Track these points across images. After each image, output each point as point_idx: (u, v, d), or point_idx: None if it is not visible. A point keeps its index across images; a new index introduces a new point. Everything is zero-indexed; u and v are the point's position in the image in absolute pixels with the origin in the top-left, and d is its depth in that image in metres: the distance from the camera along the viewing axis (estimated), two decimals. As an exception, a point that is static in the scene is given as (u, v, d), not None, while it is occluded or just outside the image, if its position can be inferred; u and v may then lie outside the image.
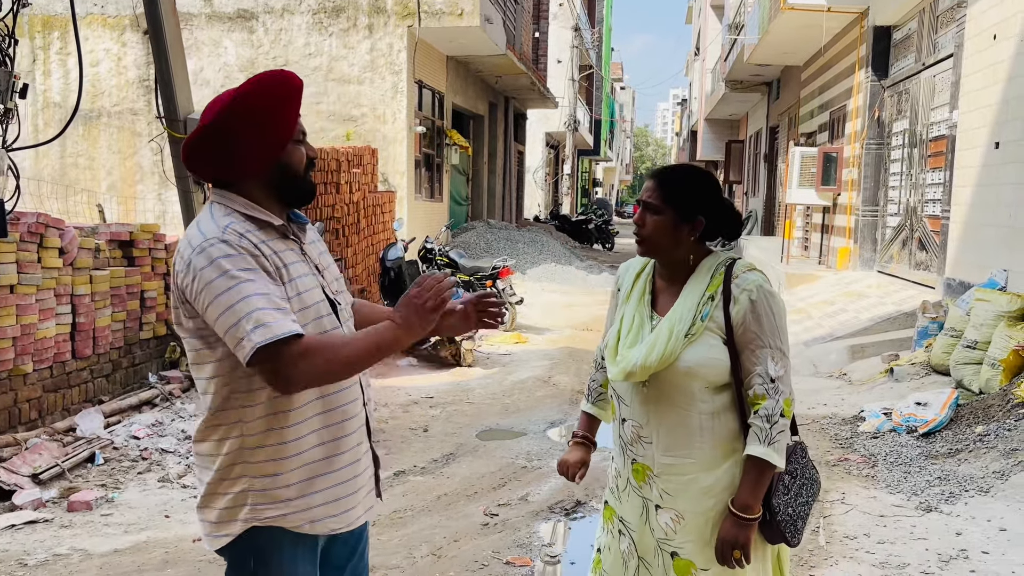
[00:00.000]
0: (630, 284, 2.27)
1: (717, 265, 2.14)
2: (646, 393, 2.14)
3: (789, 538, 2.14)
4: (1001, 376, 5.83)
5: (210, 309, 1.76)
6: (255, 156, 1.87)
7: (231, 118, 1.84)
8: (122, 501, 4.64)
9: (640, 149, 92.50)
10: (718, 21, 28.83)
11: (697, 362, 2.06)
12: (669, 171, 2.21)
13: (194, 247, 1.81)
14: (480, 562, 3.90)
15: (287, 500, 1.87)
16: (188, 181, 6.41)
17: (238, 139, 1.85)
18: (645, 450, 2.16)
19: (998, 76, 7.32)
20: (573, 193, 37.85)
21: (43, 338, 5.47)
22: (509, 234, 17.22)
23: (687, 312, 2.10)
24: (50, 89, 13.48)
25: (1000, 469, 4.75)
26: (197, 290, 1.78)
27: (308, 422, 1.88)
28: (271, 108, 1.86)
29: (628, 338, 2.16)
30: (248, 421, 1.85)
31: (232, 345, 1.76)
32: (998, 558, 3.82)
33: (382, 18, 12.90)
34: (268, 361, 1.74)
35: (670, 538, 2.14)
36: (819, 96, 14.67)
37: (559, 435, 6.19)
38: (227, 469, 1.88)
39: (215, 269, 1.76)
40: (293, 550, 1.91)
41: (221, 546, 1.91)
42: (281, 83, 1.87)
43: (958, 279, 7.93)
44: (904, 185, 10.72)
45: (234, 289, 1.75)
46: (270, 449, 1.86)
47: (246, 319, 1.73)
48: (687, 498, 2.12)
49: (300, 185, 1.94)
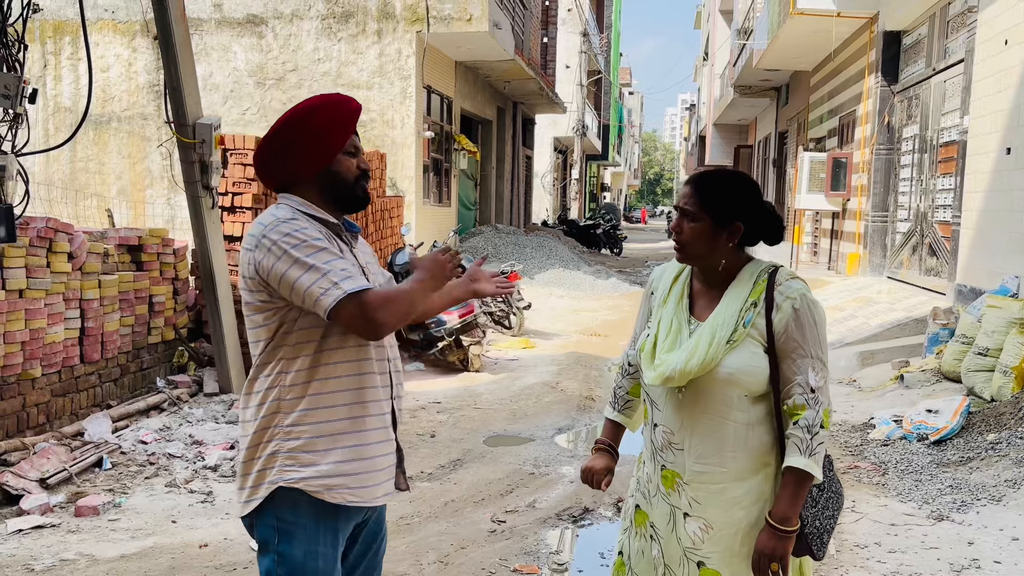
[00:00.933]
0: (667, 288, 2.23)
1: (760, 272, 2.12)
2: (681, 399, 2.10)
3: (815, 551, 2.11)
4: (1013, 383, 5.78)
5: (290, 271, 1.96)
6: (307, 162, 2.10)
7: (287, 128, 2.09)
8: (129, 506, 4.63)
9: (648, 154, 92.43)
10: (727, 26, 28.79)
11: (738, 369, 2.03)
12: (706, 176, 2.18)
13: (266, 224, 2.03)
14: (487, 569, 3.88)
15: (310, 464, 2.02)
16: (197, 186, 6.42)
17: (292, 146, 2.10)
18: (675, 457, 2.13)
19: (1009, 81, 7.28)
20: (581, 198, 37.84)
21: (52, 343, 5.48)
22: (517, 239, 17.20)
23: (730, 318, 2.07)
24: (61, 94, 13.55)
25: (1012, 478, 4.71)
26: (274, 257, 1.98)
27: (341, 394, 2.06)
28: (324, 122, 2.10)
29: (666, 342, 2.12)
30: (286, 386, 2.04)
31: (313, 299, 1.95)
32: (1010, 567, 3.78)
33: (391, 23, 12.93)
34: (355, 308, 1.94)
35: (698, 547, 2.11)
36: (828, 101, 14.62)
37: (567, 441, 6.16)
38: (261, 433, 2.06)
39: (293, 238, 1.98)
40: (315, 523, 2.04)
41: (251, 510, 2.06)
42: (336, 104, 2.13)
43: (969, 285, 7.88)
44: (914, 191, 10.67)
45: (314, 254, 1.97)
46: (302, 414, 2.04)
47: (331, 274, 1.95)
48: (717, 508, 2.09)
49: (350, 192, 2.16)
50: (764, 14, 15.53)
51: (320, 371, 2.05)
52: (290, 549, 2.03)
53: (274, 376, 2.06)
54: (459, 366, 8.31)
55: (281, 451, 2.04)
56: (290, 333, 2.05)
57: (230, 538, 4.25)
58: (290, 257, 1.96)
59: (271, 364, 2.07)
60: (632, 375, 2.38)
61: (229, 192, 7.10)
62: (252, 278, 2.04)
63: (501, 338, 10.09)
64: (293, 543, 2.03)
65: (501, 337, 10.15)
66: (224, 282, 6.67)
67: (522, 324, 10.51)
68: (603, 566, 4.03)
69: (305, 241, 1.98)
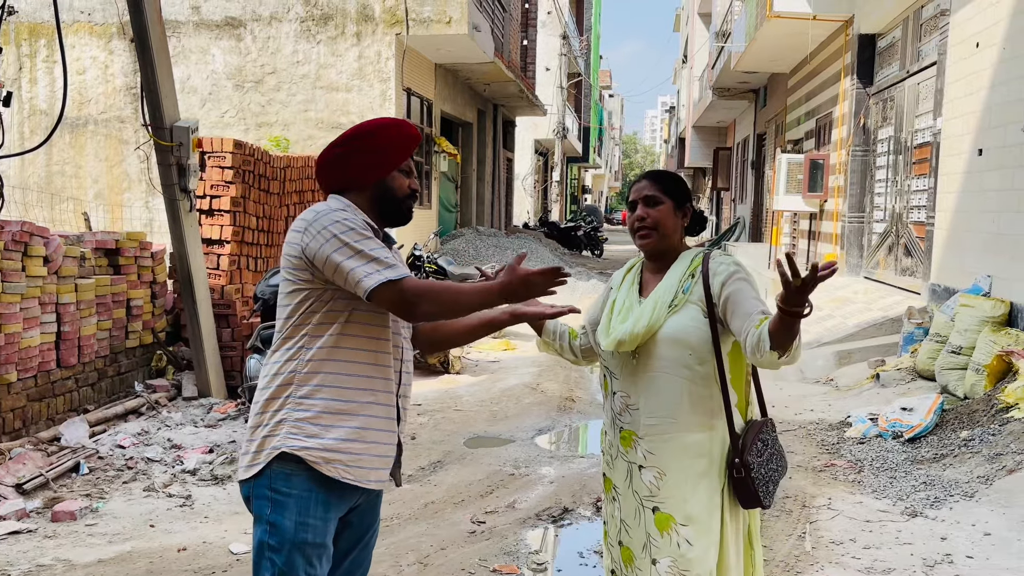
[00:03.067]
0: (621, 278, 2.55)
1: (695, 254, 2.42)
2: (635, 364, 2.36)
3: (762, 497, 2.32)
4: (985, 381, 5.87)
5: (336, 253, 2.11)
6: (366, 171, 2.28)
7: (356, 138, 2.28)
8: (107, 511, 4.61)
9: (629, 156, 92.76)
10: (706, 29, 28.97)
11: (679, 329, 2.30)
12: (657, 171, 2.52)
13: (319, 211, 2.18)
14: (467, 570, 3.89)
15: (314, 436, 2.15)
16: (174, 189, 6.39)
17: (357, 155, 2.27)
18: (632, 417, 2.38)
19: (981, 83, 7.39)
20: (562, 200, 37.92)
21: (27, 347, 5.43)
22: (498, 241, 17.22)
23: (670, 287, 2.36)
24: (36, 97, 13.41)
25: (985, 474, 4.78)
26: (323, 240, 2.12)
27: (353, 378, 2.20)
28: (388, 139, 2.29)
29: (619, 316, 2.40)
30: (304, 360, 2.18)
31: (355, 280, 2.09)
32: (982, 562, 3.84)
33: (370, 26, 12.91)
34: (394, 294, 2.09)
35: (653, 494, 2.34)
36: (805, 103, 14.76)
37: (547, 442, 6.18)
38: (272, 401, 2.19)
39: (344, 225, 2.14)
40: (308, 494, 2.15)
41: (251, 475, 2.17)
42: (402, 126, 2.32)
43: (943, 285, 7.98)
44: (890, 192, 10.79)
45: (361, 241, 2.13)
46: (314, 388, 2.17)
47: (376, 261, 2.11)
48: (668, 454, 2.32)
49: (397, 207, 2.34)
50: (742, 17, 15.65)
51: (339, 352, 2.18)
52: (281, 519, 2.13)
53: (295, 351, 2.19)
54: (440, 368, 8.32)
55: (289, 419, 2.16)
56: (317, 312, 2.19)
57: (209, 542, 4.24)
58: (339, 240, 2.12)
59: (294, 339, 2.20)
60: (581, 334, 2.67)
61: (207, 195, 7.07)
62: (298, 257, 2.17)
63: (482, 340, 10.09)
64: (284, 513, 2.13)
65: (481, 340, 10.15)
66: (202, 285, 6.64)
67: (503, 326, 10.51)
68: (583, 565, 4.06)
69: (354, 228, 2.14)
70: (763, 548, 3.98)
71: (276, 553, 2.13)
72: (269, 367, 2.24)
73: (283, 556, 2.13)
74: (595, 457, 5.47)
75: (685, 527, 2.29)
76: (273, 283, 6.22)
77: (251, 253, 7.56)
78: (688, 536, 2.28)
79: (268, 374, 2.23)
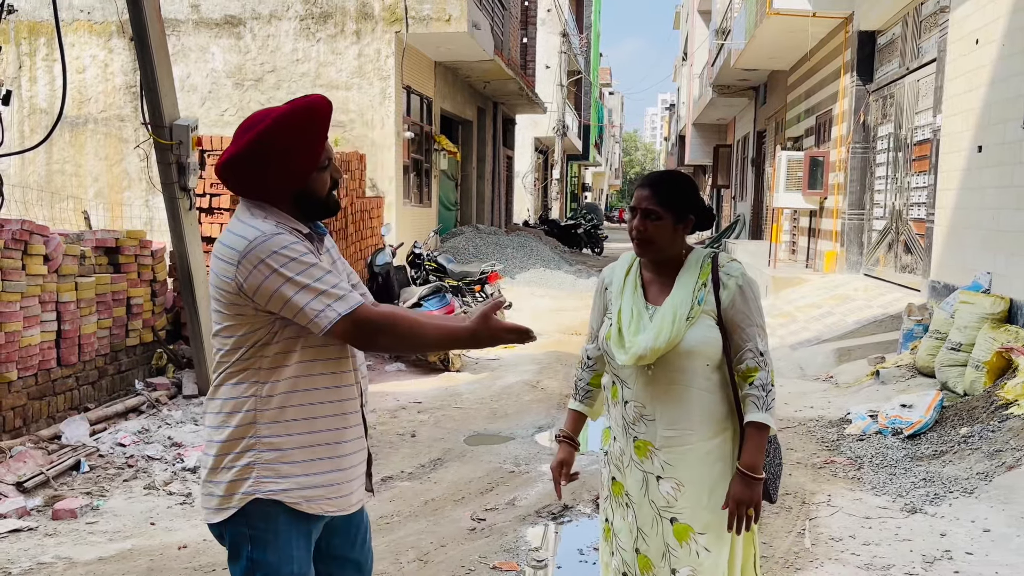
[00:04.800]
0: (621, 281, 2.48)
1: (703, 257, 2.41)
2: (650, 375, 2.35)
3: (771, 494, 2.41)
4: (985, 378, 5.87)
5: (282, 289, 1.95)
6: (281, 183, 2.05)
7: (258, 147, 2.00)
8: (107, 509, 4.61)
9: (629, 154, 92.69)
10: (705, 26, 28.96)
11: (698, 341, 2.31)
12: (660, 178, 2.43)
13: (251, 240, 1.97)
14: (467, 567, 3.90)
15: (289, 476, 2.03)
16: (174, 188, 6.39)
17: (265, 166, 2.03)
18: (647, 427, 2.37)
19: (980, 80, 7.39)
20: (562, 198, 37.90)
21: (28, 345, 5.44)
22: (498, 239, 17.21)
23: (686, 298, 2.34)
24: (36, 96, 13.42)
25: (984, 470, 4.79)
26: (262, 276, 1.95)
27: (320, 406, 2.07)
28: (296, 140, 2.02)
29: (631, 327, 2.37)
30: (263, 396, 2.03)
31: (307, 319, 1.96)
32: (982, 559, 3.84)
33: (370, 24, 12.90)
34: (352, 326, 1.97)
35: (671, 505, 2.35)
36: (805, 101, 14.75)
37: (547, 439, 6.19)
38: (234, 442, 2.04)
39: (282, 257, 1.95)
40: (288, 529, 2.05)
41: (223, 519, 2.05)
42: (308, 114, 2.02)
43: (943, 282, 7.99)
44: (889, 189, 10.79)
45: (305, 272, 1.96)
46: (281, 426, 2.03)
47: (324, 294, 1.96)
48: (687, 466, 2.34)
49: (321, 205, 2.13)
50: (741, 14, 15.65)
51: (301, 382, 2.05)
52: (264, 556, 2.05)
53: (248, 385, 2.04)
54: (440, 366, 8.32)
55: (259, 462, 2.03)
56: (269, 344, 2.03)
57: (209, 539, 4.24)
58: (280, 276, 1.95)
59: (245, 372, 2.05)
60: (591, 367, 2.62)
61: (207, 193, 7.08)
62: (232, 292, 2.00)
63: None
64: (267, 550, 2.05)
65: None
66: (202, 283, 6.65)
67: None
68: (582, 562, 4.06)
69: (295, 259, 1.96)
70: (763, 545, 4.00)
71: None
72: (218, 403, 2.08)
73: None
74: (595, 455, 5.47)
75: (703, 535, 2.33)
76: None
77: (251, 251, 7.55)
78: (706, 544, 2.33)
79: (220, 411, 2.07)
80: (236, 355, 2.05)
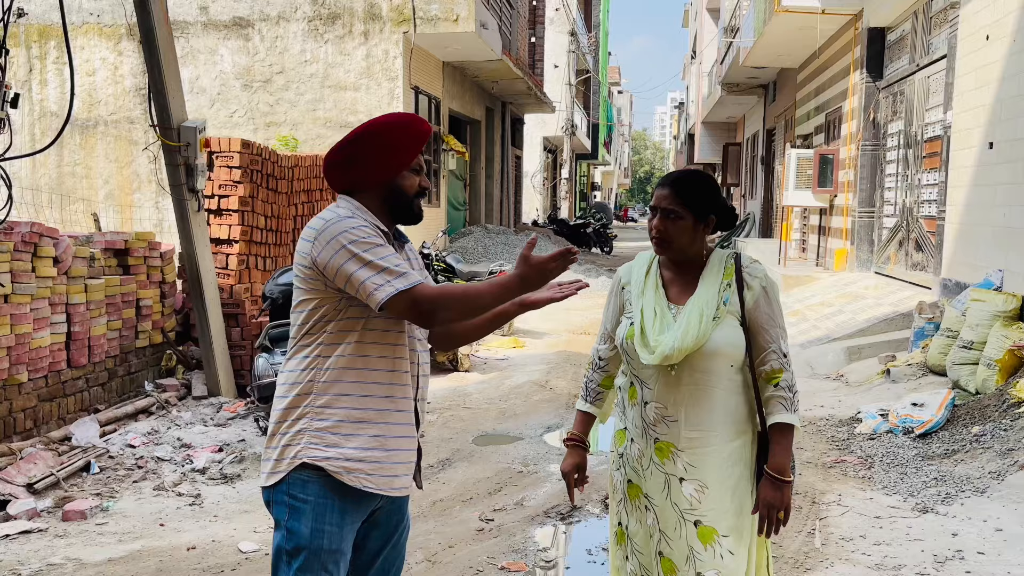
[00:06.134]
0: (641, 280, 2.44)
1: (725, 258, 2.40)
2: (672, 376, 2.32)
3: None
4: (997, 376, 5.83)
5: (346, 264, 2.10)
6: (374, 173, 2.26)
7: (363, 139, 2.24)
8: (117, 510, 4.63)
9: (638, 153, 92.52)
10: (714, 24, 28.86)
11: (724, 341, 2.30)
12: (681, 178, 2.42)
13: (327, 220, 2.16)
14: (475, 568, 3.89)
15: (334, 446, 2.16)
16: (182, 189, 6.41)
17: (364, 156, 2.25)
18: (669, 429, 2.34)
19: (991, 76, 7.33)
20: (571, 197, 37.85)
21: (38, 347, 5.46)
22: (507, 239, 17.21)
23: (711, 298, 2.32)
24: (47, 99, 13.49)
25: (996, 469, 4.75)
26: (332, 251, 2.11)
27: (373, 385, 2.20)
28: (397, 139, 2.26)
29: (655, 327, 2.34)
30: (323, 369, 2.17)
31: (367, 292, 2.09)
32: (994, 559, 3.81)
33: (377, 24, 12.92)
34: (407, 303, 2.10)
35: (694, 508, 2.32)
36: (815, 98, 14.68)
37: (556, 439, 6.18)
38: (290, 410, 2.19)
39: (352, 235, 2.12)
40: (323, 501, 2.16)
41: (272, 483, 2.18)
42: (411, 123, 2.29)
43: (954, 279, 7.93)
44: (900, 186, 10.72)
45: (370, 250, 2.11)
46: (334, 398, 2.17)
47: (386, 271, 2.10)
48: (710, 468, 2.32)
49: (407, 206, 2.31)
50: (750, 12, 15.59)
51: (357, 360, 2.18)
52: (298, 526, 2.16)
53: (312, 359, 2.19)
54: (448, 366, 8.32)
55: (309, 429, 2.17)
56: (333, 321, 2.18)
57: (218, 540, 4.25)
58: (348, 252, 2.10)
59: (310, 347, 2.20)
60: (603, 368, 2.58)
61: (215, 195, 7.09)
62: (309, 267, 2.16)
63: (491, 337, 10.10)
64: (300, 520, 2.16)
65: (491, 336, 10.16)
66: (211, 285, 6.67)
67: (511, 323, 10.53)
68: (591, 563, 4.05)
69: (363, 238, 2.12)
70: (772, 545, 3.98)
71: (293, 558, 2.17)
72: (285, 375, 2.23)
73: (299, 561, 2.16)
74: (604, 455, 5.46)
75: (727, 538, 2.31)
76: (282, 282, 6.19)
77: (259, 252, 7.58)
78: (729, 546, 2.31)
79: (285, 383, 2.23)
80: (304, 329, 2.21)
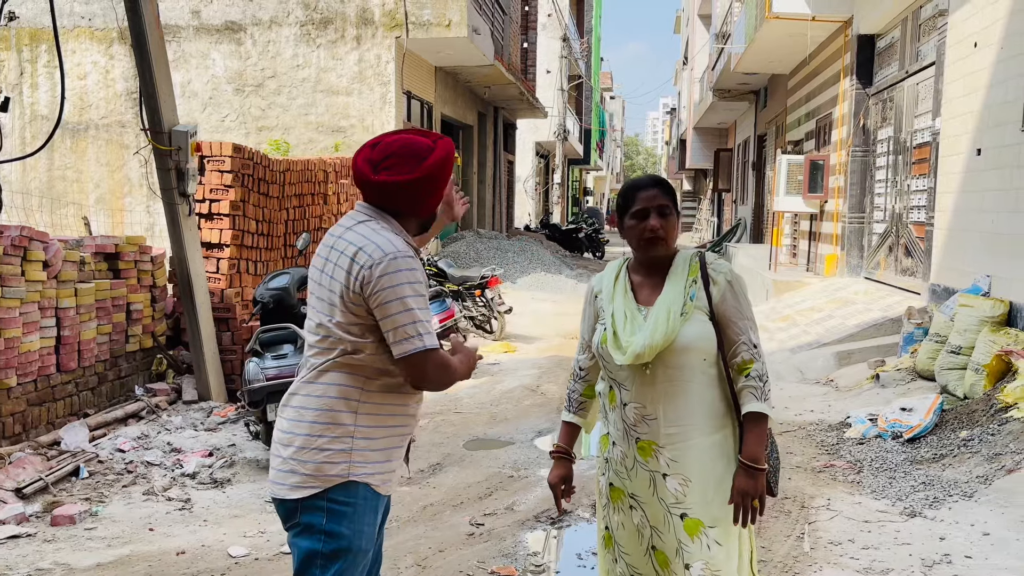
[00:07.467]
0: (611, 286, 2.50)
1: (690, 257, 2.46)
2: (647, 375, 2.37)
3: (772, 487, 2.44)
4: (985, 381, 5.86)
5: (391, 304, 2.18)
6: (428, 208, 2.38)
7: (428, 175, 2.29)
8: (106, 515, 4.61)
9: (631, 158, 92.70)
10: (706, 31, 28.98)
11: (695, 337, 2.35)
12: (656, 178, 2.51)
13: (387, 253, 2.20)
14: (465, 572, 3.90)
15: (376, 462, 2.28)
16: (173, 193, 6.41)
17: (426, 194, 2.32)
18: (649, 427, 2.39)
19: (979, 83, 7.39)
20: (564, 202, 37.89)
21: (27, 351, 5.44)
22: (499, 243, 17.22)
23: (678, 295, 2.38)
24: (37, 102, 13.45)
25: (984, 474, 4.78)
26: (384, 286, 2.17)
27: (405, 407, 2.34)
28: (446, 174, 2.36)
29: (626, 329, 2.40)
30: (368, 391, 2.26)
31: (397, 337, 2.19)
32: (981, 562, 3.83)
33: (370, 29, 12.93)
34: (421, 362, 2.21)
35: (680, 501, 2.37)
36: (805, 104, 14.75)
37: (547, 444, 6.18)
38: (333, 427, 2.24)
39: (406, 277, 2.20)
40: (365, 504, 2.27)
41: (301, 496, 2.23)
42: (452, 153, 2.37)
43: (943, 285, 7.98)
44: (890, 192, 10.78)
45: (415, 299, 2.20)
46: (378, 418, 2.28)
47: (420, 324, 2.20)
48: (691, 460, 2.37)
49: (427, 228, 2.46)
50: (741, 18, 15.66)
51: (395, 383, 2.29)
52: (339, 528, 2.23)
53: (356, 377, 2.26)
54: (440, 371, 8.31)
55: (355, 448, 2.25)
56: (371, 342, 2.24)
57: (207, 545, 4.24)
58: (398, 292, 2.18)
59: (353, 366, 2.25)
60: (584, 378, 2.66)
61: (206, 199, 7.08)
62: (354, 291, 2.20)
63: (482, 342, 10.10)
64: (342, 522, 2.23)
65: (482, 341, 10.16)
66: (202, 289, 6.66)
67: (503, 328, 10.54)
68: (581, 567, 4.06)
69: (417, 283, 2.22)
70: (762, 549, 3.99)
71: (331, 561, 2.22)
72: (321, 387, 2.26)
73: (339, 564, 2.22)
74: (594, 459, 5.46)
75: (713, 528, 2.35)
76: (273, 286, 6.15)
77: (251, 257, 7.57)
78: (716, 538, 2.35)
79: (323, 395, 2.25)
80: (345, 346, 2.24)
